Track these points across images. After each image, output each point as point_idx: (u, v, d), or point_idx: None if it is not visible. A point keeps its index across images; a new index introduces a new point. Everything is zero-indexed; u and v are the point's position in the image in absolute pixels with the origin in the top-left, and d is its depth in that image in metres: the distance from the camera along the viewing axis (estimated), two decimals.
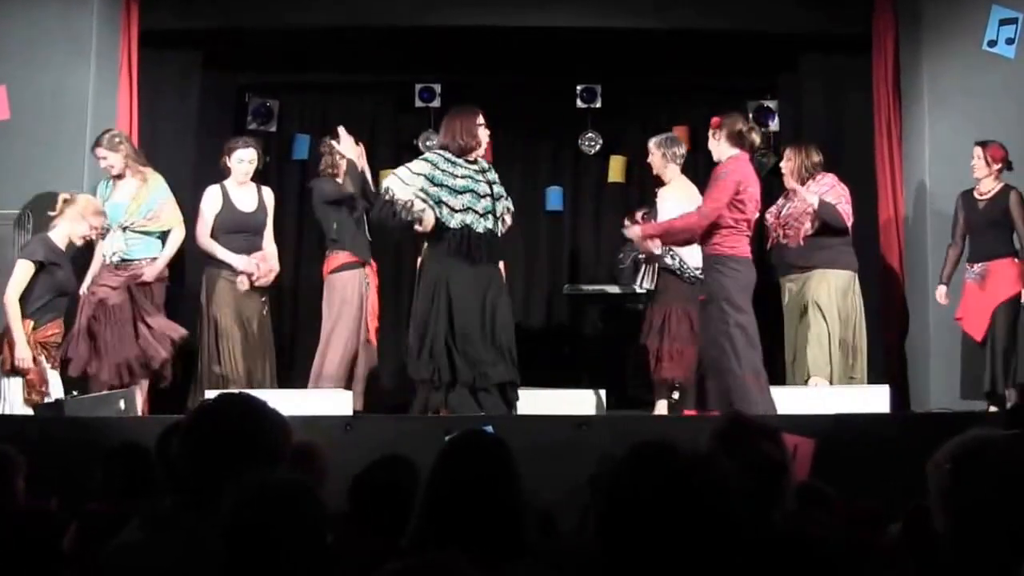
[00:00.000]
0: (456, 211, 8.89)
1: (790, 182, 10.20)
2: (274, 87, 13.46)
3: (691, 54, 12.52)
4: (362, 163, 10.44)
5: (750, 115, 13.22)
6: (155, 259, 9.93)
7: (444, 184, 8.90)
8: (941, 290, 10.05)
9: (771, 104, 13.36)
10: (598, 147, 13.55)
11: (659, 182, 10.57)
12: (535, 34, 11.98)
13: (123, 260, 9.87)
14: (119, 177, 9.96)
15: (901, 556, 3.89)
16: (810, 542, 3.17)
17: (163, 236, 10.06)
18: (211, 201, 10.19)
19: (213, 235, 10.15)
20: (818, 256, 9.91)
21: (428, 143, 13.35)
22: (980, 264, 9.77)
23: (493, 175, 9.30)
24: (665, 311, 10.33)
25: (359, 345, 10.23)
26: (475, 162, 9.11)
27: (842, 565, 3.15)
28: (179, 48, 12.08)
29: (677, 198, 10.17)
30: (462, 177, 8.96)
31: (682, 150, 10.62)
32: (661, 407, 10.29)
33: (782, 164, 10.34)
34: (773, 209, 10.34)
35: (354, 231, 10.35)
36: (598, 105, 13.33)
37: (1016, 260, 9.65)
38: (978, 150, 9.81)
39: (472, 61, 12.91)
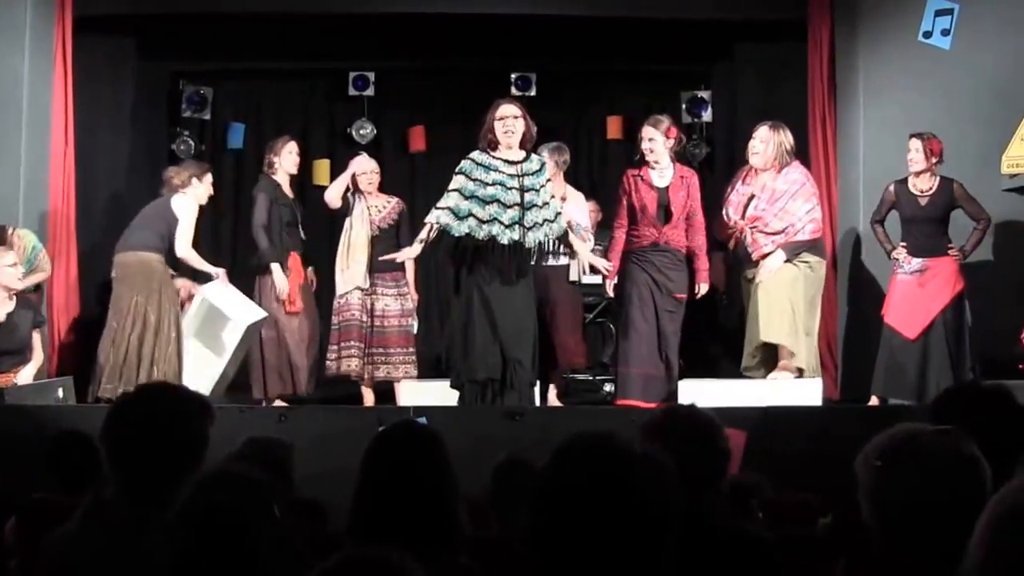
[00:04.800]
0: (483, 222, 8.74)
1: (762, 167, 9.78)
2: (208, 75, 13.41)
3: (626, 43, 12.53)
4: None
5: (683, 106, 13.33)
6: None
7: (475, 195, 8.76)
8: (901, 251, 9.67)
9: (704, 94, 13.41)
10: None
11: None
12: (469, 22, 11.96)
13: None
14: None
15: (832, 548, 3.92)
16: (743, 536, 3.19)
17: None
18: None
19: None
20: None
21: (362, 131, 13.35)
22: (920, 260, 9.59)
23: (536, 179, 8.96)
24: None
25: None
26: (516, 162, 8.89)
27: (775, 559, 3.17)
28: (113, 35, 12.01)
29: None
30: (492, 184, 8.78)
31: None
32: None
33: (754, 144, 9.79)
34: (734, 198, 9.91)
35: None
36: (532, 93, 13.31)
37: (954, 256, 9.59)
38: (917, 142, 9.58)
39: (406, 49, 12.89)
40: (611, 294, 9.87)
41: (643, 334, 9.52)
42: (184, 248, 9.64)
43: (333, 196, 10.40)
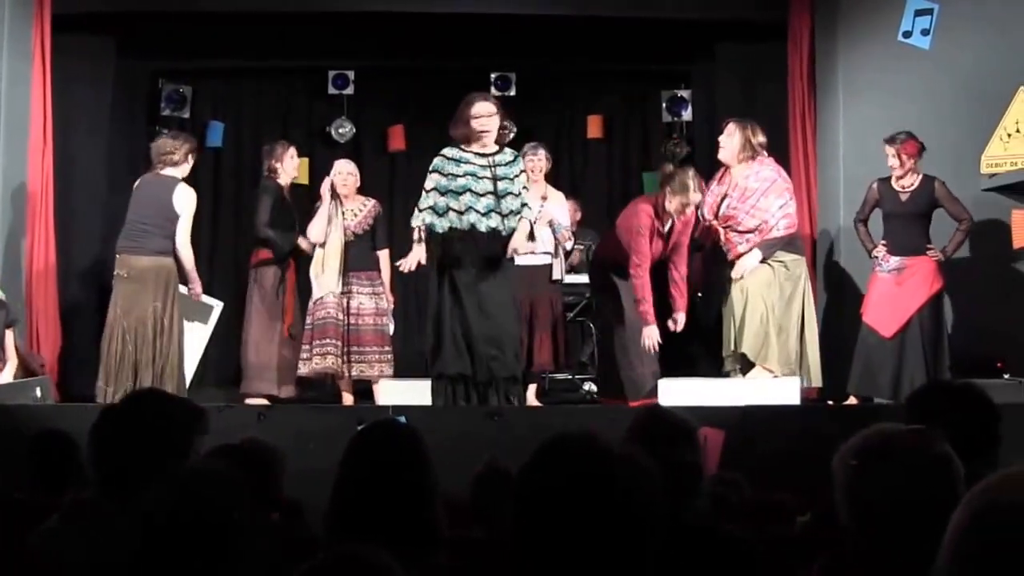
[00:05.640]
0: (461, 213, 8.75)
1: (729, 161, 9.79)
2: (188, 73, 13.39)
3: (607, 42, 12.55)
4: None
5: (663, 105, 13.38)
6: None
7: (449, 189, 8.78)
8: (881, 250, 9.67)
9: (684, 94, 13.45)
10: (512, 135, 13.53)
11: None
12: (450, 21, 11.95)
13: None
14: None
15: (810, 547, 3.93)
16: (721, 536, 3.18)
17: None
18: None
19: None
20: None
21: (341, 130, 13.35)
22: (898, 259, 9.58)
23: (510, 169, 9.00)
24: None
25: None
26: (488, 154, 8.95)
27: (753, 558, 3.17)
28: (92, 34, 11.95)
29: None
30: (463, 176, 8.80)
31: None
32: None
33: (721, 139, 9.80)
34: (708, 198, 9.79)
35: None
36: (512, 93, 13.32)
37: (933, 257, 9.58)
38: (890, 149, 9.56)
39: (386, 48, 12.89)
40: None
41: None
42: (183, 244, 9.59)
43: (317, 233, 10.29)
